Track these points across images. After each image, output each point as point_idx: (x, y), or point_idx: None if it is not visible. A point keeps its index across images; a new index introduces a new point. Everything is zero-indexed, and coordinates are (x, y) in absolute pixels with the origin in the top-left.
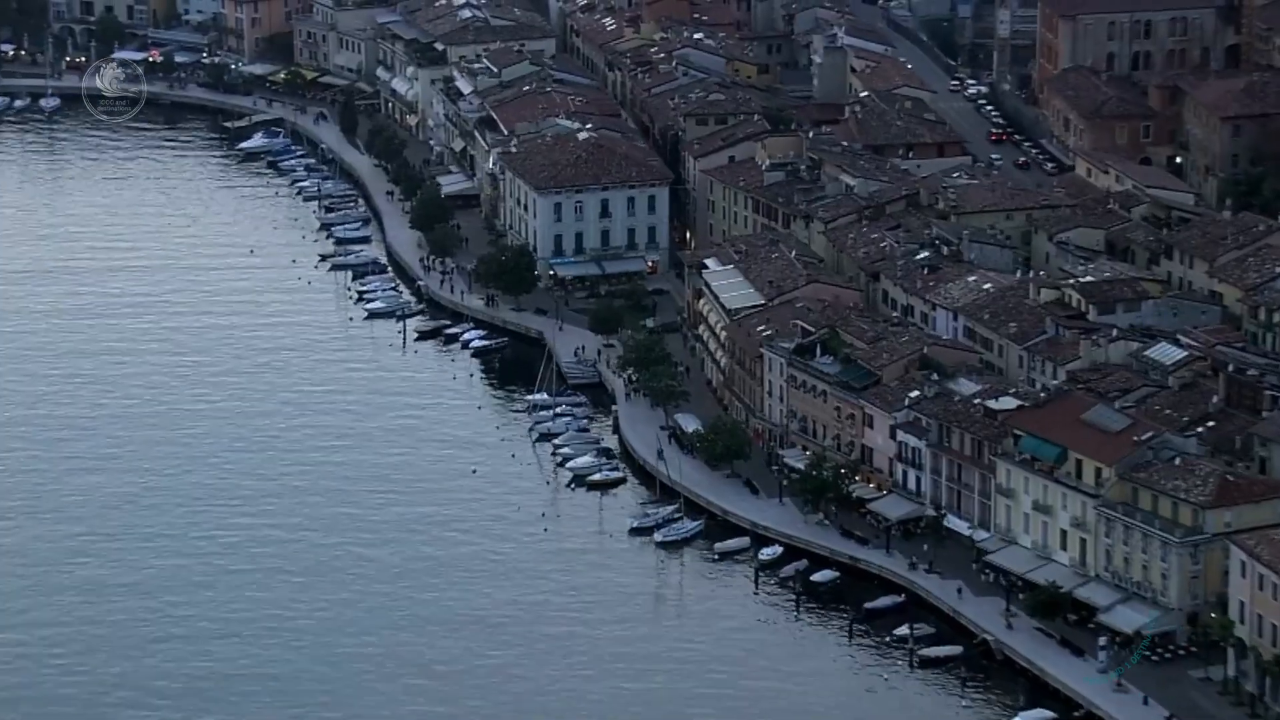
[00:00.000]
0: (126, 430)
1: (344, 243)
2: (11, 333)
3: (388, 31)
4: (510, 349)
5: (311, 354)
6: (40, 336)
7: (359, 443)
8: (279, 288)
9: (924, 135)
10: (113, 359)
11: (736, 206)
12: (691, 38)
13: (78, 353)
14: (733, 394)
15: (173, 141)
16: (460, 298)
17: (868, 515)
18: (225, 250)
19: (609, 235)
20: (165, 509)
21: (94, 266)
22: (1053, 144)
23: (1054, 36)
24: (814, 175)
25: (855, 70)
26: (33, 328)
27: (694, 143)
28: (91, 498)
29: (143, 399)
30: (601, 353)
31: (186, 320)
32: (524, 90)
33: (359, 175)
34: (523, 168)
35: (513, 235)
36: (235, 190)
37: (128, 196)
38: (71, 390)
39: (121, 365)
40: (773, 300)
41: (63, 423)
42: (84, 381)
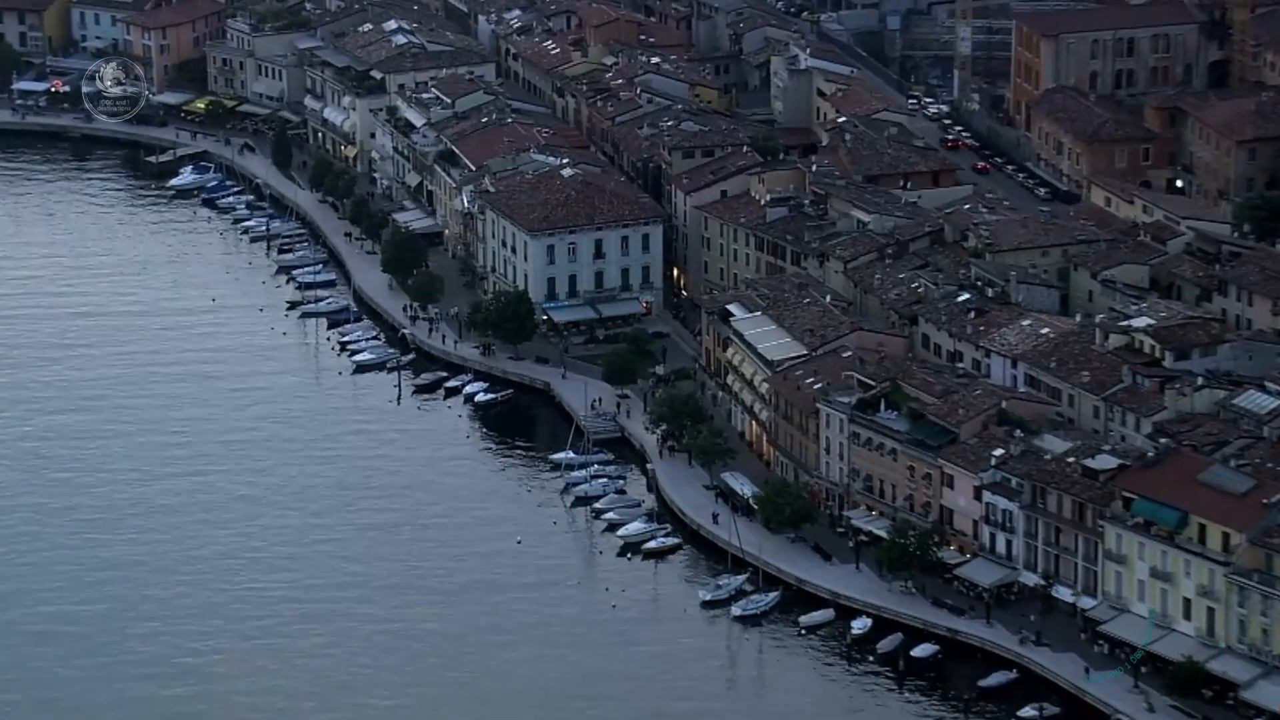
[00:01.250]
0: (131, 510)
1: (308, 288)
2: None
3: (314, 58)
4: (515, 401)
5: (304, 413)
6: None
7: (382, 508)
8: (252, 340)
9: (918, 163)
10: (89, 428)
11: (736, 244)
12: (650, 62)
13: (44, 435)
14: (778, 450)
15: (94, 178)
16: (452, 347)
17: (955, 581)
18: (185, 298)
19: (603, 277)
20: (190, 584)
21: (43, 322)
22: (1041, 168)
23: (1033, 55)
24: (820, 210)
25: (824, 94)
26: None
27: (682, 177)
28: (86, 588)
29: (136, 473)
30: (621, 405)
31: (160, 381)
32: (483, 122)
33: (304, 212)
34: (508, 207)
35: (496, 279)
36: (175, 232)
37: (63, 239)
38: (45, 473)
39: (102, 435)
40: (815, 350)
41: (47, 510)
42: (60, 462)
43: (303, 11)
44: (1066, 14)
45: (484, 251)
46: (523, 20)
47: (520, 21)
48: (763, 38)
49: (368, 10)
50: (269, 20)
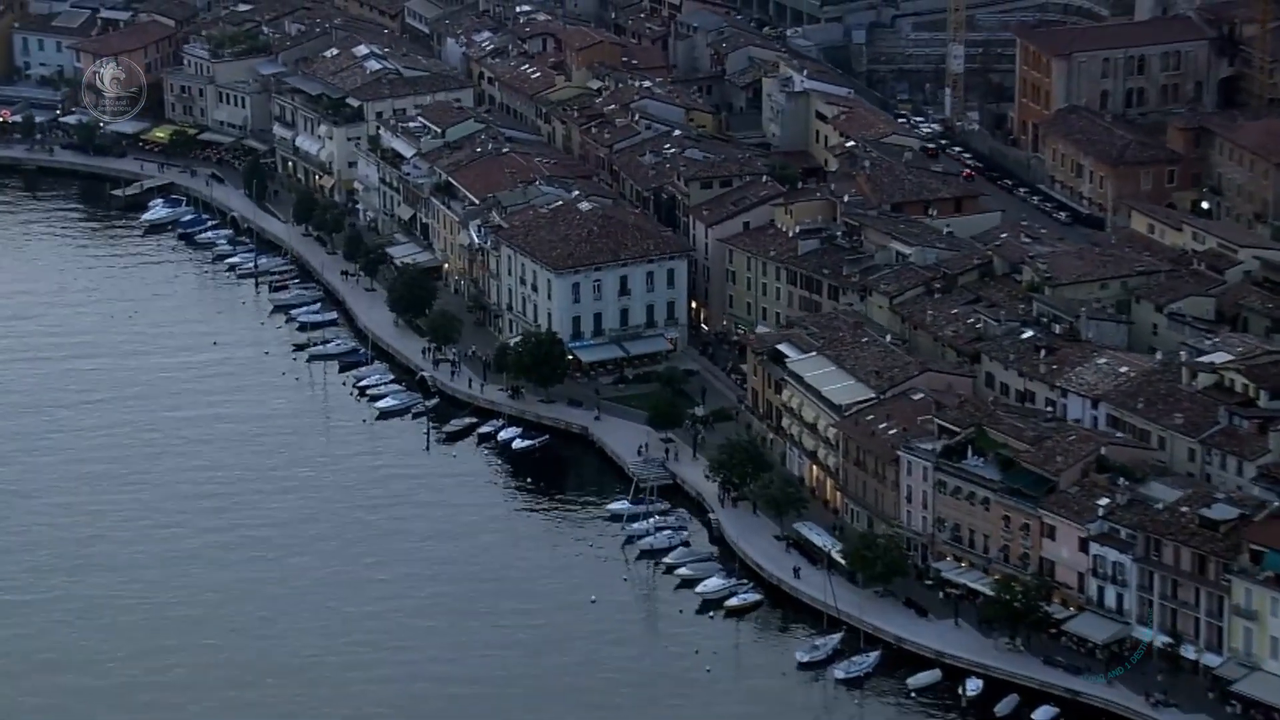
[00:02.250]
0: (157, 574)
1: (309, 328)
2: None
3: (283, 85)
4: (553, 447)
5: (334, 464)
6: None
7: (435, 562)
8: (263, 385)
9: (940, 190)
10: (111, 482)
11: (766, 278)
12: (642, 86)
13: (57, 488)
14: (849, 498)
15: (57, 211)
16: (478, 390)
17: (1062, 637)
18: (181, 341)
19: (628, 314)
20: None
21: (38, 364)
22: (1057, 191)
23: (1040, 74)
24: (855, 243)
25: (824, 117)
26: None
27: (702, 209)
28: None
29: (168, 537)
30: (669, 450)
31: (173, 426)
32: (478, 152)
33: (289, 247)
34: (527, 244)
35: (514, 317)
36: (155, 269)
37: (39, 278)
38: (59, 535)
39: (126, 488)
40: (884, 393)
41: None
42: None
43: (260, 36)
44: (1076, 32)
45: (498, 289)
46: (495, 42)
47: (493, 44)
48: (746, 58)
49: (331, 35)
50: (227, 45)
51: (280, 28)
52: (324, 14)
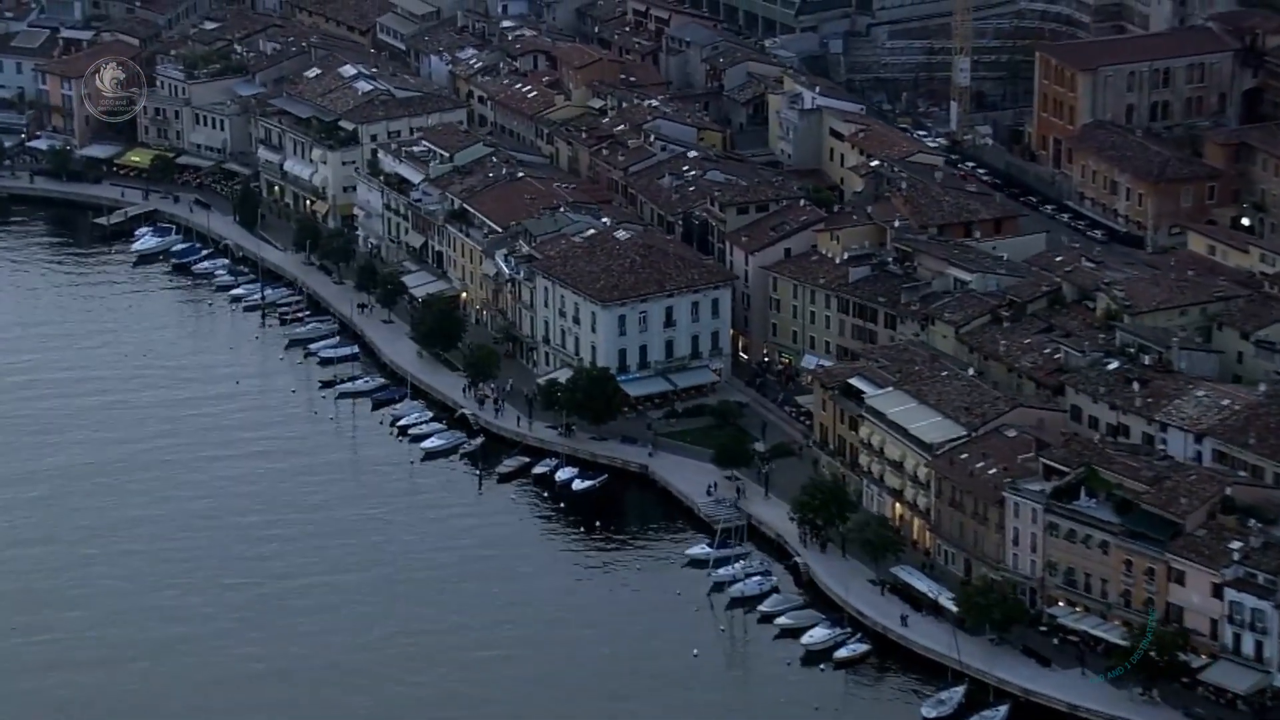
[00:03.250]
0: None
1: (330, 363)
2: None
3: (268, 107)
4: (612, 487)
5: (384, 508)
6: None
7: (515, 614)
8: (296, 425)
9: (979, 211)
10: (159, 533)
11: (814, 306)
12: (652, 105)
13: (91, 531)
14: (943, 540)
15: (40, 242)
16: (527, 427)
17: (1198, 687)
18: (202, 379)
19: (673, 345)
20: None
21: (56, 401)
22: (1087, 208)
23: (1063, 89)
24: (908, 269)
25: (838, 134)
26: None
27: (741, 235)
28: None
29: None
30: (741, 491)
31: (212, 474)
32: (490, 177)
33: (292, 276)
34: (565, 274)
35: (552, 350)
36: (153, 302)
37: (37, 311)
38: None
39: (175, 539)
40: (976, 430)
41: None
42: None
43: (233, 55)
44: (1100, 45)
45: (532, 321)
46: (484, 60)
47: (481, 61)
48: (745, 73)
49: (310, 54)
50: (200, 65)
51: (255, 46)
52: (297, 32)
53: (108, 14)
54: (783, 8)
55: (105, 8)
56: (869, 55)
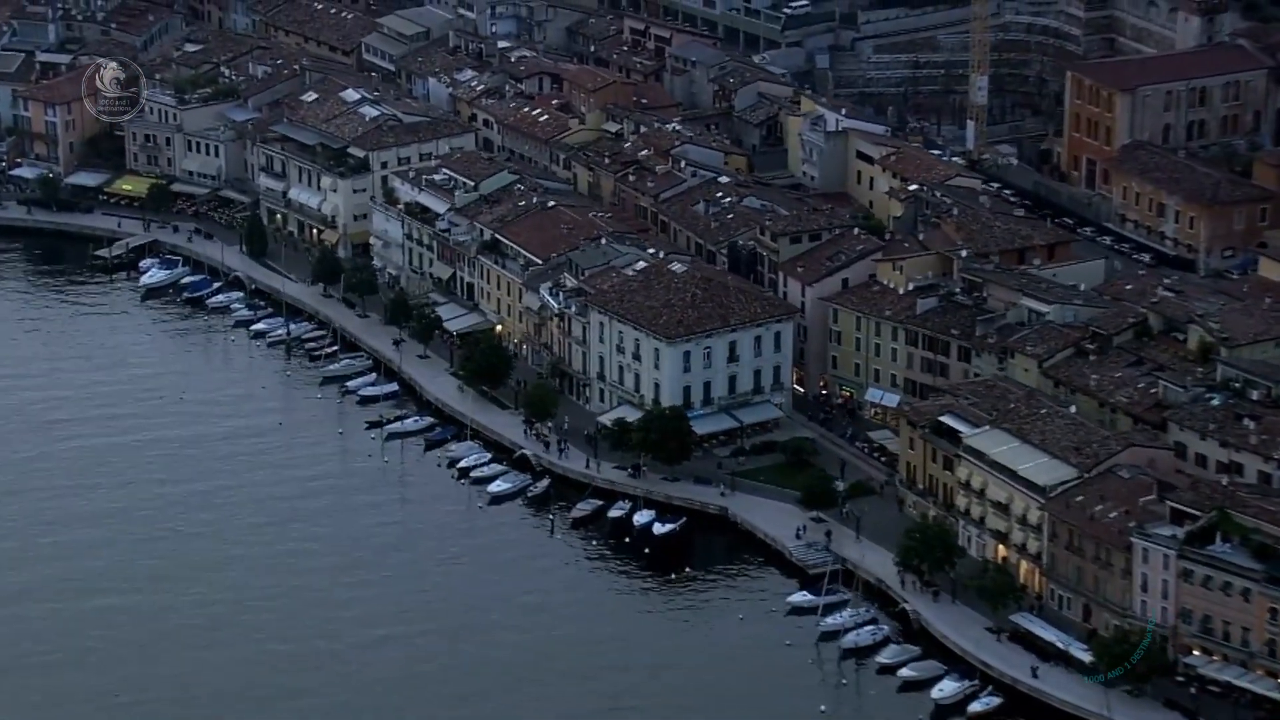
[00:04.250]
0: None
1: (370, 402)
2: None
3: (269, 133)
4: (692, 530)
5: (458, 558)
6: (78, 560)
7: (621, 667)
8: (351, 470)
9: (1032, 236)
10: (247, 593)
11: (880, 338)
12: (670, 129)
13: (162, 579)
14: (1059, 585)
15: (41, 276)
16: (595, 469)
17: None
18: (243, 421)
19: (735, 381)
20: None
21: (94, 441)
22: (1129, 230)
23: (1099, 109)
24: (978, 299)
25: (866, 157)
26: (69, 545)
27: (796, 265)
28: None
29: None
30: (831, 533)
31: (267, 521)
32: (521, 206)
33: (311, 309)
34: (624, 309)
35: (609, 387)
36: (172, 338)
37: (54, 347)
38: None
39: (237, 591)
40: (1089, 470)
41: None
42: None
43: (220, 79)
44: (1136, 65)
45: (585, 357)
46: (487, 83)
47: (483, 84)
48: (755, 94)
49: (304, 77)
50: (188, 89)
51: (244, 70)
52: (284, 54)
53: (82, 36)
54: (767, 23)
55: (79, 30)
56: (853, 70)
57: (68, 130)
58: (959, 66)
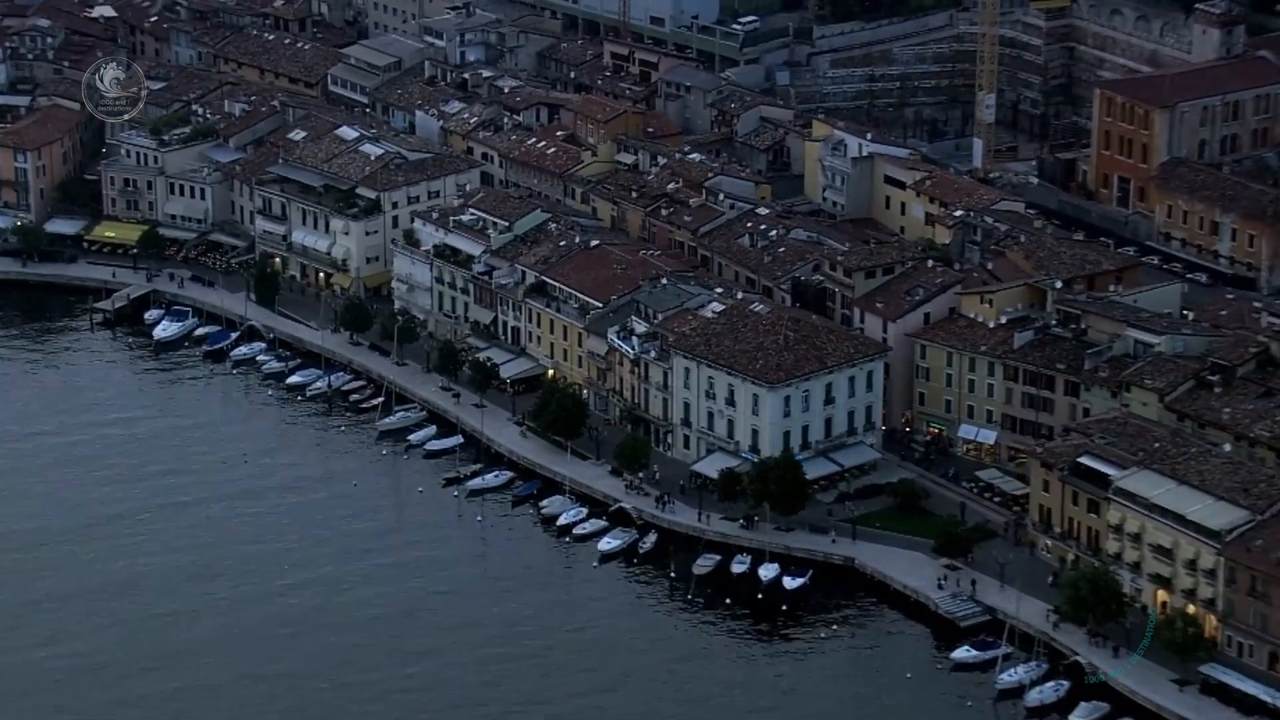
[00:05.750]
0: None
1: (436, 456)
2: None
3: (265, 174)
4: (820, 584)
5: (585, 624)
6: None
7: None
8: (442, 534)
9: (1100, 261)
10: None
11: (974, 374)
12: (717, 161)
13: (265, 650)
14: (1240, 634)
15: (43, 331)
16: (705, 521)
17: None
18: (316, 482)
19: (831, 423)
20: None
21: (160, 499)
22: (1175, 248)
23: (1135, 127)
24: (1078, 331)
25: (895, 181)
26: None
27: (874, 301)
28: None
29: None
30: (977, 583)
31: (376, 594)
32: (561, 244)
33: (341, 358)
34: (715, 354)
35: (699, 434)
36: (204, 394)
37: (86, 408)
38: None
39: (374, 672)
40: (1263, 513)
41: None
42: None
43: (193, 118)
44: (1169, 81)
45: (666, 403)
46: (478, 115)
47: (478, 116)
48: (758, 118)
49: (287, 114)
50: (163, 130)
51: (219, 107)
52: (255, 90)
53: (32, 75)
54: (723, 40)
55: (28, 69)
56: (810, 85)
57: (39, 176)
58: (915, 79)
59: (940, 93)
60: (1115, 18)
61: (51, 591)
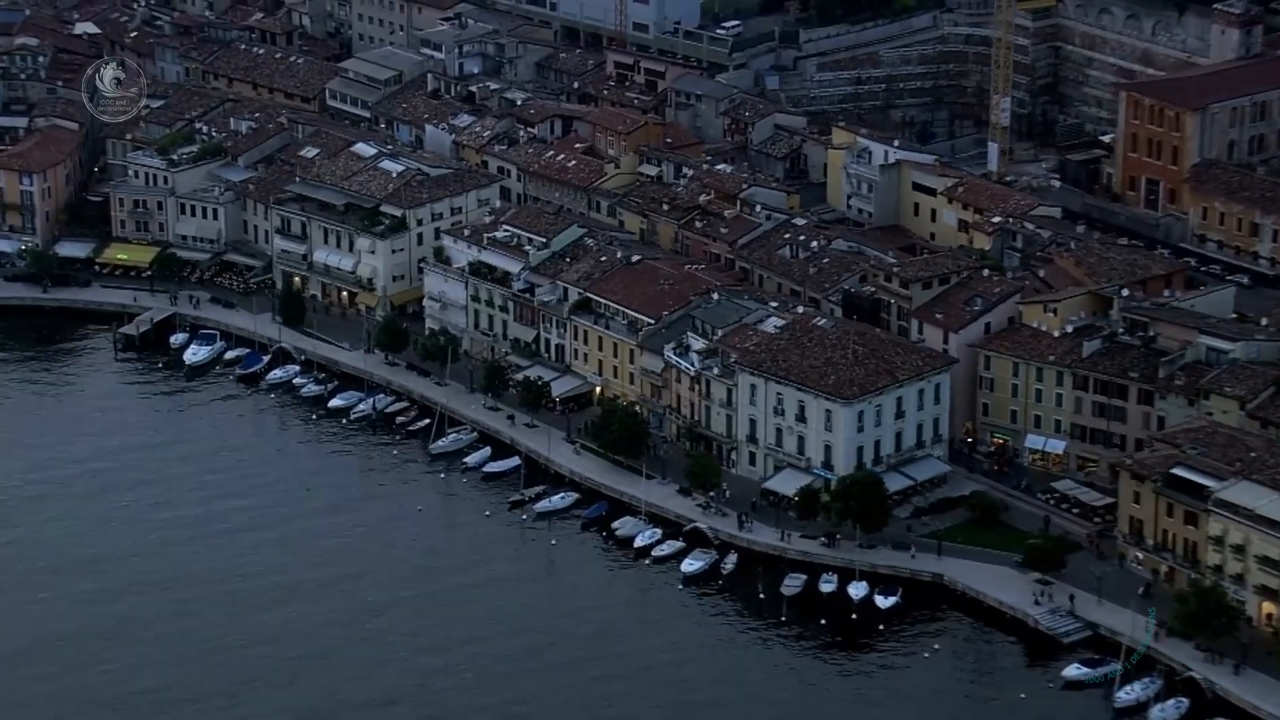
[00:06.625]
0: None
1: (496, 478)
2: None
3: (283, 193)
4: (913, 602)
5: (687, 645)
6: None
7: None
8: (518, 554)
9: (1150, 267)
10: None
11: (1042, 384)
12: (749, 172)
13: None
14: None
15: (67, 357)
16: (787, 540)
17: None
18: (383, 511)
19: (901, 437)
20: None
21: (235, 537)
22: (1211, 250)
23: (1164, 129)
24: (1147, 339)
25: (924, 188)
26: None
27: (934, 312)
28: None
29: None
30: (1075, 598)
31: (476, 616)
32: (602, 260)
33: (380, 379)
34: (783, 370)
35: (768, 451)
36: (244, 420)
37: (131, 440)
38: None
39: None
40: None
41: None
42: None
43: (198, 137)
44: (1198, 83)
45: (731, 420)
46: (495, 129)
47: (490, 130)
48: (772, 126)
49: (295, 130)
50: (170, 150)
51: (224, 126)
52: (256, 107)
53: (26, 95)
54: (710, 46)
55: (21, 89)
56: (798, 89)
57: (44, 199)
58: (900, 81)
59: (925, 94)
60: (1104, 17)
61: (125, 615)
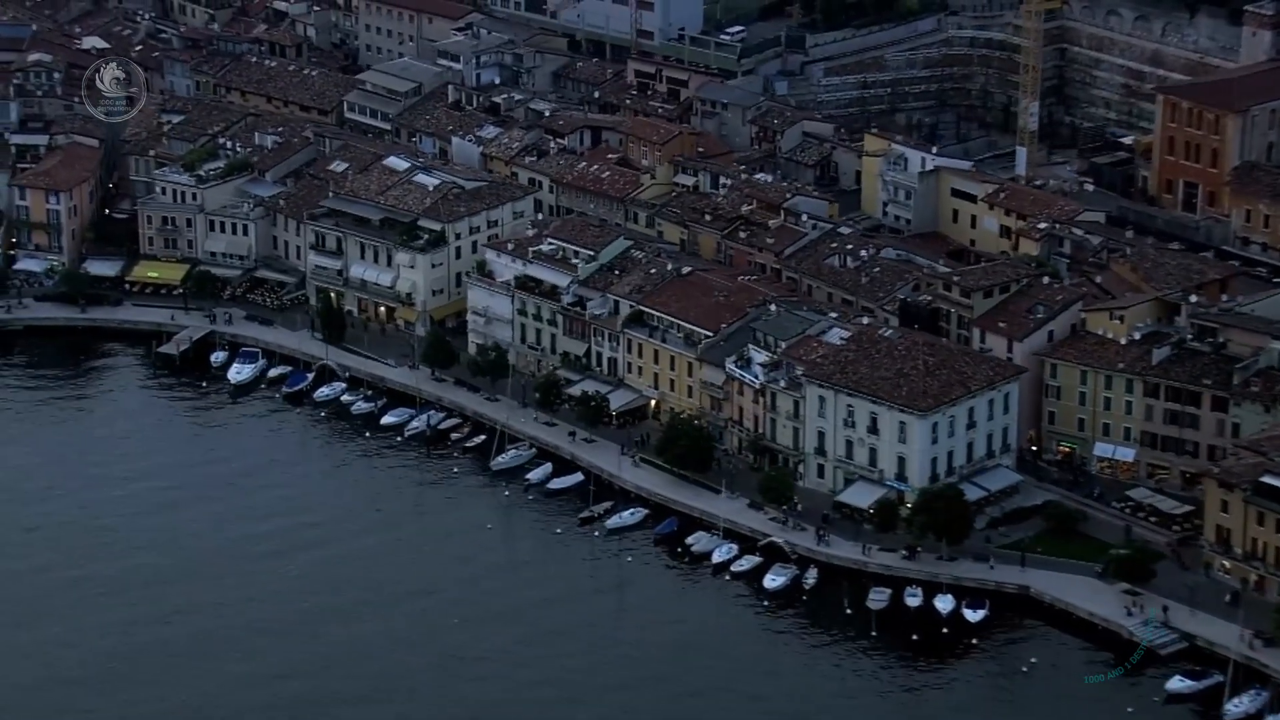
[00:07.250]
0: None
1: (558, 495)
2: None
3: (317, 208)
4: (1002, 617)
5: (777, 667)
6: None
7: None
8: (595, 570)
9: (1206, 272)
10: None
11: (1111, 392)
12: (792, 182)
13: None
14: None
15: (108, 378)
16: (867, 554)
17: None
18: (454, 529)
19: (972, 448)
20: None
21: (306, 556)
22: (1255, 252)
23: (1204, 132)
24: (1217, 345)
25: (964, 194)
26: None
27: (997, 321)
28: None
29: None
30: (1168, 609)
31: (573, 622)
32: (652, 272)
33: (429, 396)
34: (853, 382)
35: (838, 464)
36: (295, 440)
37: (182, 451)
38: None
39: None
40: None
41: None
42: None
43: (221, 151)
44: (1237, 85)
45: (799, 433)
46: (524, 140)
47: (518, 141)
48: (800, 134)
49: (323, 144)
50: (196, 166)
51: (249, 140)
52: (279, 120)
53: (42, 112)
54: (718, 52)
55: (38, 106)
56: (806, 94)
57: (70, 217)
58: (905, 84)
59: (930, 97)
60: (1112, 18)
61: (209, 630)
